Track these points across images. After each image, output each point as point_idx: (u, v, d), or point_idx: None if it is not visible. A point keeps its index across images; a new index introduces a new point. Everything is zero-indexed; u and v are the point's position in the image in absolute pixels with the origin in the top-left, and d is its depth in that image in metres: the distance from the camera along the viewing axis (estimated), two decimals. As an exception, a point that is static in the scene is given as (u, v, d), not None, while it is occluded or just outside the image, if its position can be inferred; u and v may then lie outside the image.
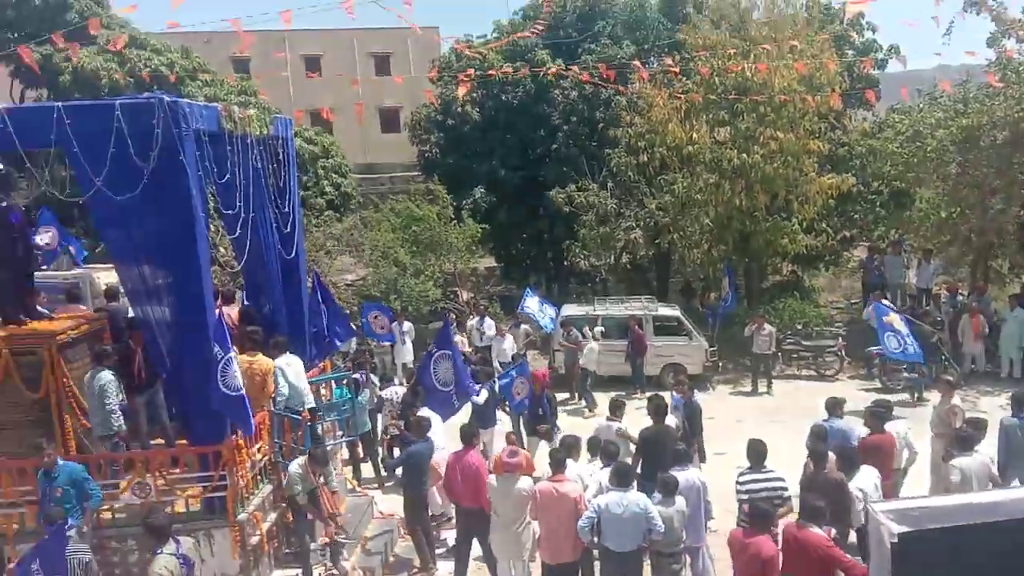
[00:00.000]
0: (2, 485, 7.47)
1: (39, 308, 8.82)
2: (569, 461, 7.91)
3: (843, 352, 17.04)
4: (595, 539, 7.13)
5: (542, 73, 20.63)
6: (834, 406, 9.11)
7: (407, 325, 16.44)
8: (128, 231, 7.46)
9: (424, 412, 9.97)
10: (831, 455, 7.73)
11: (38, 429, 7.93)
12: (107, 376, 7.90)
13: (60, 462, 7.17)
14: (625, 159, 20.42)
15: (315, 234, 21.03)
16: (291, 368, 8.92)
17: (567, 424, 12.97)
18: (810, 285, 23.57)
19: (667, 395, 10.24)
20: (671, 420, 9.45)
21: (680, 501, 7.44)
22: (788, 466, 8.06)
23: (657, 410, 9.10)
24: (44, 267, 12.40)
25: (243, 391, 7.47)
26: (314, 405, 9.15)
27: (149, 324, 7.69)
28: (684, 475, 7.72)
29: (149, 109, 7.08)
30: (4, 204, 8.27)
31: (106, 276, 11.55)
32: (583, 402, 15.61)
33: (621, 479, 7.22)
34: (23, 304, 8.41)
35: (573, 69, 18.23)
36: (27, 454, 7.72)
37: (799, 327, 18.09)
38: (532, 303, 16.97)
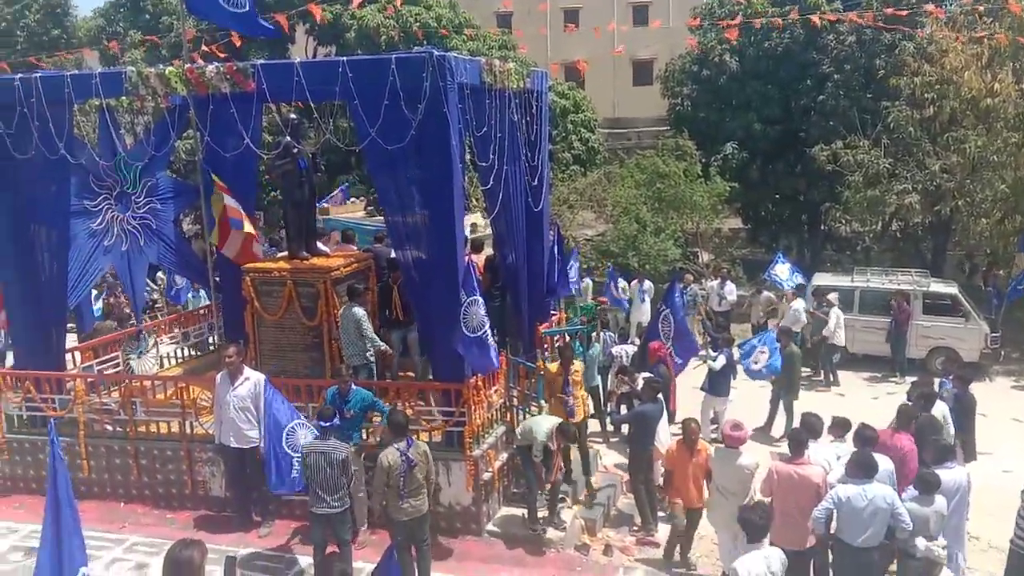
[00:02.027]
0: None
1: (319, 246, 9.93)
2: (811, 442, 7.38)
3: None
4: (830, 531, 6.65)
5: (816, 17, 18.90)
6: None
7: (647, 284, 16.24)
8: (395, 178, 8.02)
9: (646, 375, 9.89)
10: None
11: (311, 353, 9.03)
12: (361, 311, 8.69)
13: (353, 387, 7.94)
14: (906, 113, 18.24)
15: (560, 188, 21.41)
16: None
17: (808, 400, 12.14)
18: None
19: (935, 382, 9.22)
20: (938, 411, 8.46)
21: (940, 501, 6.70)
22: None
23: (925, 398, 8.20)
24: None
25: (484, 332, 7.86)
26: None
27: (407, 265, 8.32)
28: (949, 473, 6.92)
29: (419, 63, 7.44)
30: (295, 150, 9.34)
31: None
32: (823, 378, 14.47)
33: (862, 470, 6.60)
34: (305, 242, 9.52)
35: (851, 15, 16.47)
36: (300, 374, 8.85)
37: (1112, 319, 15.28)
38: (781, 269, 15.94)
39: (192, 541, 4.49)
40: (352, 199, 15.95)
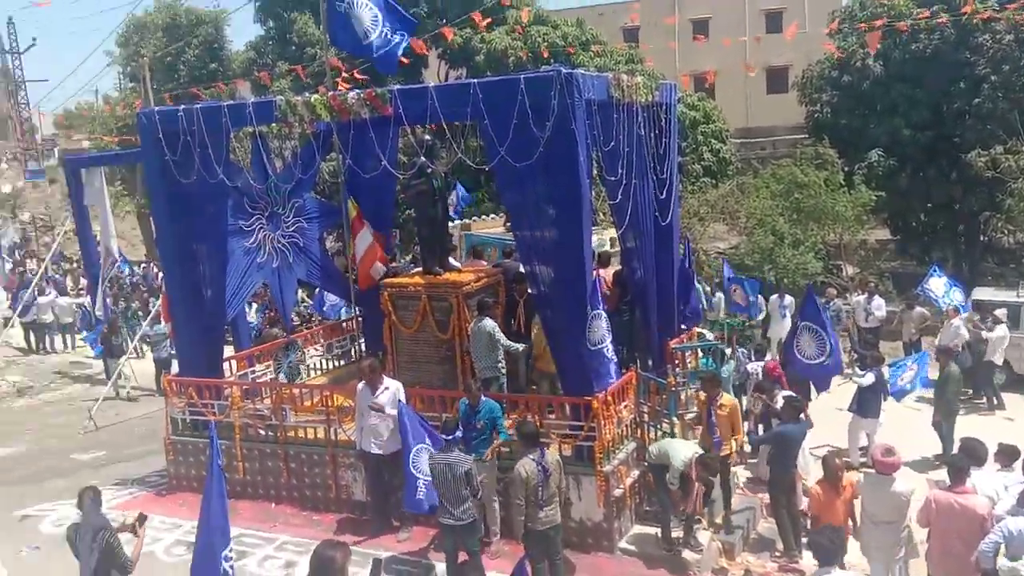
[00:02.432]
0: (416, 410, 8.80)
1: (451, 261, 10.21)
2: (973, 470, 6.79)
3: None
4: (997, 566, 6.07)
5: (967, 16, 17.61)
6: None
7: (788, 299, 15.52)
8: (523, 195, 8.10)
9: (786, 393, 9.47)
10: None
11: (445, 365, 9.28)
12: (491, 323, 8.83)
13: (483, 399, 8.08)
14: (1076, 114, 16.65)
15: (689, 201, 20.97)
16: None
17: (972, 425, 11.19)
18: None
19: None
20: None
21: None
22: None
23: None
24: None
25: (604, 345, 7.79)
26: None
27: (535, 280, 8.37)
28: None
29: (548, 82, 7.51)
30: (429, 170, 9.67)
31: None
32: (986, 401, 13.30)
33: (1040, 501, 6.00)
34: (439, 258, 9.82)
35: (1012, 5, 15.20)
36: (434, 385, 9.12)
37: None
38: (936, 284, 14.77)
39: (337, 543, 4.71)
40: (462, 218, 16.17)
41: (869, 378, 10.47)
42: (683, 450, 7.83)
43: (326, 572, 4.50)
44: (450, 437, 7.30)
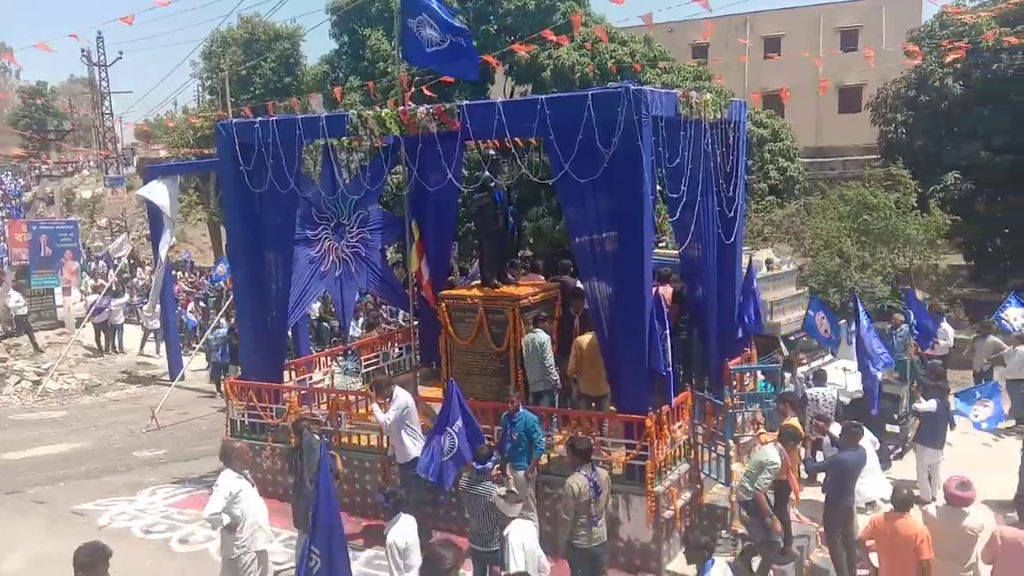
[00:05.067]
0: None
1: (508, 276, 10.28)
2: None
3: None
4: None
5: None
6: None
7: (854, 324, 15.02)
8: (584, 210, 8.12)
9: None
10: None
11: (497, 378, 9.33)
12: (544, 336, 8.84)
13: (521, 410, 8.09)
14: None
15: (754, 220, 20.63)
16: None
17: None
18: None
19: None
20: None
21: None
22: None
23: None
24: None
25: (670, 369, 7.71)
26: None
27: (593, 296, 8.35)
28: None
29: (616, 98, 7.52)
30: (492, 184, 9.78)
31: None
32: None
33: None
34: (498, 271, 9.90)
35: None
36: (487, 398, 9.16)
37: None
38: (1014, 313, 14.11)
39: (452, 543, 5.03)
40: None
41: (930, 405, 10.09)
42: (773, 446, 7.72)
43: (436, 570, 4.74)
44: (481, 467, 7.12)
